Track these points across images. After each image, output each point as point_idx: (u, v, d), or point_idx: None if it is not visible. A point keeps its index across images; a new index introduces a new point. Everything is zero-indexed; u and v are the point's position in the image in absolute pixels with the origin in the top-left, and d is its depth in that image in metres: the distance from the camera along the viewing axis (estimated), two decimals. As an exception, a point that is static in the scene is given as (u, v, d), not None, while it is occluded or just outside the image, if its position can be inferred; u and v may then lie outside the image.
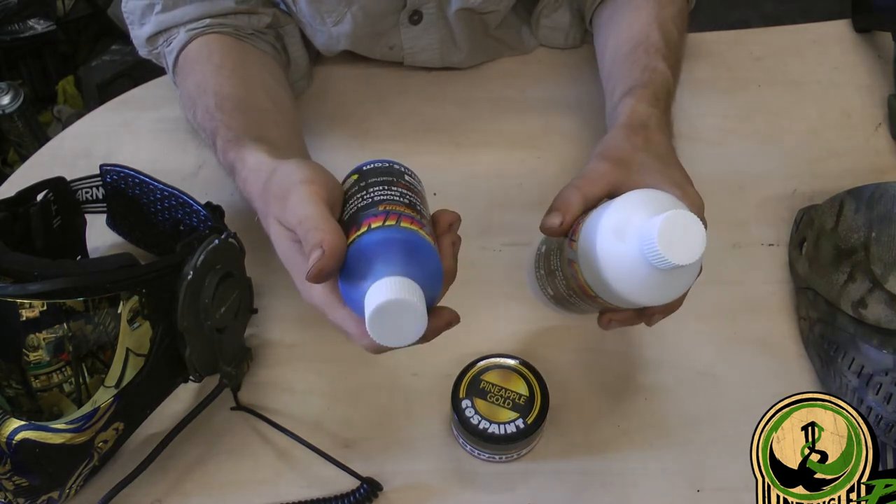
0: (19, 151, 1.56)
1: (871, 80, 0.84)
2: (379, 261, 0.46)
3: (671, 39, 0.71)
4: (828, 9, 0.93)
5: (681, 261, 0.46)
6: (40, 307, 0.60)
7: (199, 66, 0.71)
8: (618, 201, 0.50)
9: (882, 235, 0.62)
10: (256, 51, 0.74)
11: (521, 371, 0.61)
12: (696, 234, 0.46)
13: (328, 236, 0.47)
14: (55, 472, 0.55)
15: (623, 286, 0.49)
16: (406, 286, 0.45)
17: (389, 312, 0.44)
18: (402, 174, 0.53)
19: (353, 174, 0.53)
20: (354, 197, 0.51)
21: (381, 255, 0.46)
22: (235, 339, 0.63)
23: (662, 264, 0.46)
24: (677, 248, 0.46)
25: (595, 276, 0.50)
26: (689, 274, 0.50)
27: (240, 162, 0.61)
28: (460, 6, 0.76)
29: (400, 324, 0.45)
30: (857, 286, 0.62)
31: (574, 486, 0.62)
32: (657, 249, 0.46)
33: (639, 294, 0.49)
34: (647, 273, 0.48)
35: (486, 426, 0.59)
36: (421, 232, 0.48)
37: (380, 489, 0.61)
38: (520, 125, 0.81)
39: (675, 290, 0.50)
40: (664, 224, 0.46)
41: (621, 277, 0.49)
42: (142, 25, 0.73)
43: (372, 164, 0.53)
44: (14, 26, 1.54)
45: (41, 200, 0.65)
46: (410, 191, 0.52)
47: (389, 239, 0.47)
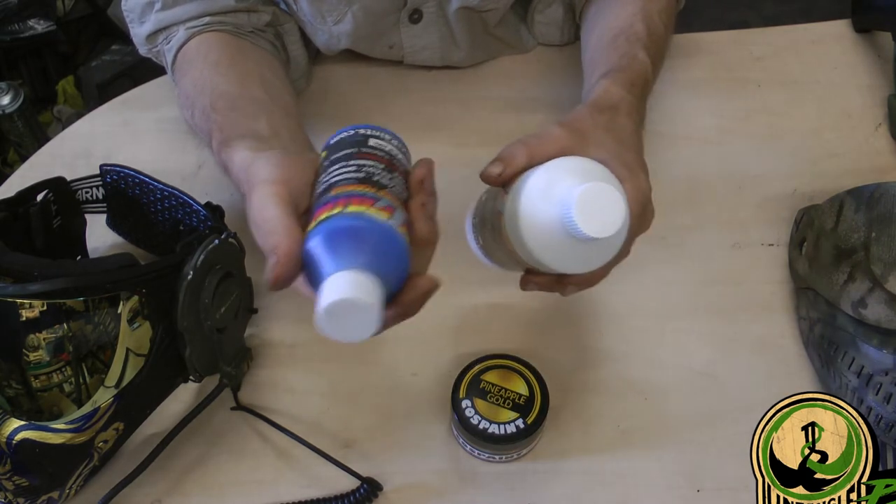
0: (19, 151, 1.56)
1: (871, 80, 0.84)
2: (329, 255, 0.45)
3: (655, 31, 0.70)
4: (828, 9, 0.93)
5: (594, 233, 0.46)
6: (40, 307, 0.60)
7: (197, 64, 0.71)
8: (552, 163, 0.50)
9: (882, 235, 0.62)
10: (255, 47, 0.74)
11: (521, 371, 0.61)
12: (616, 209, 0.46)
13: (283, 240, 0.46)
14: (55, 472, 0.55)
15: (537, 247, 0.49)
16: (352, 282, 0.43)
17: (337, 314, 0.42)
18: (365, 140, 0.50)
19: (323, 150, 0.52)
20: (319, 182, 0.49)
21: (330, 248, 0.45)
22: (235, 339, 0.63)
23: (577, 233, 0.46)
24: (593, 220, 0.46)
25: (515, 232, 0.50)
26: (606, 249, 0.50)
27: (230, 162, 0.61)
28: (460, 5, 0.76)
29: (353, 321, 0.43)
30: (857, 286, 0.62)
31: (574, 486, 0.62)
32: (572, 217, 0.46)
33: (552, 259, 0.49)
34: (563, 240, 0.48)
35: (486, 426, 0.59)
36: (370, 211, 0.45)
37: (380, 489, 0.61)
38: (520, 125, 0.81)
39: (590, 263, 0.50)
40: (584, 193, 0.46)
41: (537, 238, 0.49)
42: (142, 23, 0.73)
43: (339, 136, 0.51)
44: (14, 26, 1.54)
45: (41, 200, 0.65)
46: (372, 158, 0.49)
47: (336, 229, 0.45)
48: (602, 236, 0.46)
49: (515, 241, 0.50)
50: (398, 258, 0.46)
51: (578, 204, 0.46)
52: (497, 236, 0.53)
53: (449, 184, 0.77)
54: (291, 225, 0.47)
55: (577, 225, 0.46)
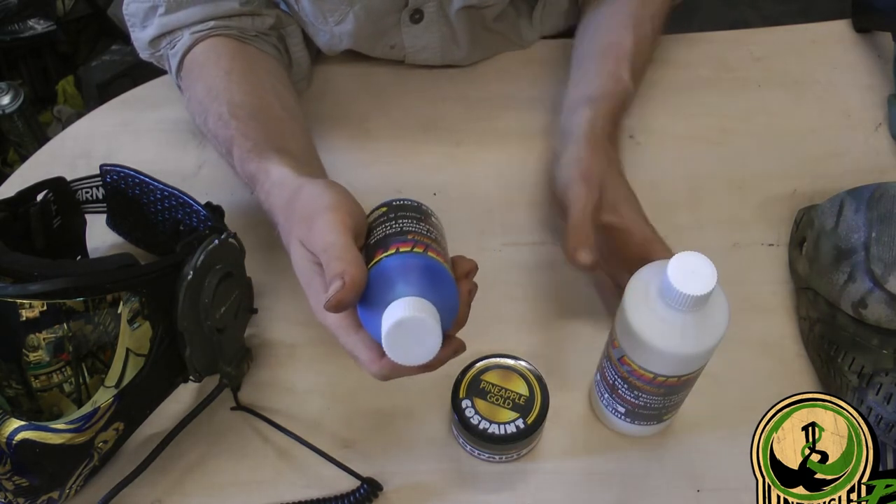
0: (19, 151, 1.56)
1: (871, 80, 0.84)
2: (402, 281, 0.48)
3: (643, 40, 0.75)
4: (828, 9, 0.93)
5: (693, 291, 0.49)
6: (40, 307, 0.60)
7: (208, 71, 0.71)
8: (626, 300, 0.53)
9: (882, 235, 0.62)
10: (262, 54, 0.74)
11: (522, 371, 0.61)
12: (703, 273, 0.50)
13: (350, 268, 0.48)
14: (55, 472, 0.55)
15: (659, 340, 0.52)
16: (426, 306, 0.47)
17: (407, 329, 0.46)
18: (429, 215, 0.55)
19: (382, 207, 0.55)
20: (382, 225, 0.53)
21: (405, 276, 0.48)
22: (235, 339, 0.63)
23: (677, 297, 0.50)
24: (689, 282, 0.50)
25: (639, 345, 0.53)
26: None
27: (263, 173, 0.62)
28: (463, 4, 0.76)
29: (416, 341, 0.47)
30: (857, 286, 0.62)
31: (574, 486, 0.62)
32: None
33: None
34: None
35: (486, 426, 0.59)
36: (440, 260, 0.50)
37: (380, 489, 0.61)
38: (520, 125, 0.81)
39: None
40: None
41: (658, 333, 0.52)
42: (144, 28, 0.73)
43: (401, 201, 0.55)
44: (14, 26, 1.54)
45: (41, 200, 0.65)
46: (436, 229, 0.54)
47: (415, 263, 0.49)
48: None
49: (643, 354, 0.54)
50: (451, 314, 0.50)
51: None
52: (631, 379, 0.56)
53: (447, 184, 0.77)
54: (358, 255, 0.50)
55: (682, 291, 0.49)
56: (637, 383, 0.55)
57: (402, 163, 0.79)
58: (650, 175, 0.76)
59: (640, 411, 0.59)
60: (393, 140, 0.81)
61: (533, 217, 0.75)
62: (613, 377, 0.57)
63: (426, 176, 0.78)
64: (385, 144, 0.80)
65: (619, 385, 0.57)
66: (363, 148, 0.80)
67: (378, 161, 0.79)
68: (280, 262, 0.69)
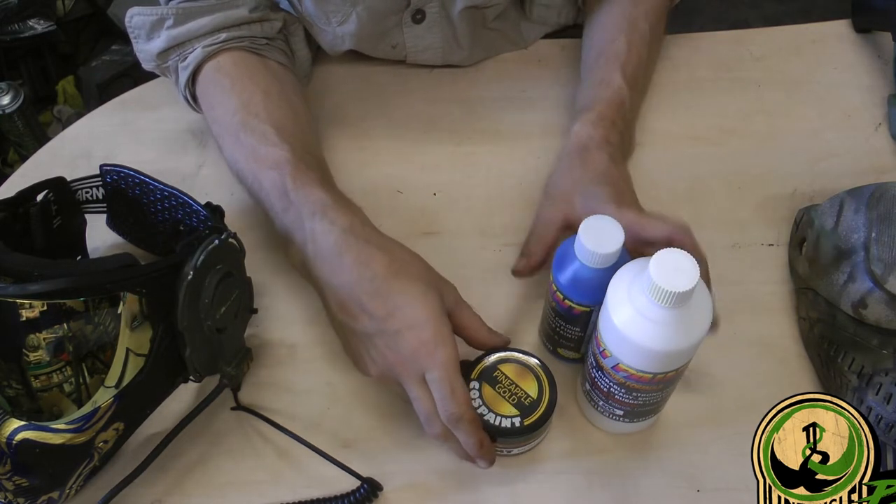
0: (19, 151, 1.56)
1: (871, 80, 0.84)
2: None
3: (637, 41, 0.76)
4: (828, 9, 0.93)
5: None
6: (40, 307, 0.60)
7: (240, 86, 0.70)
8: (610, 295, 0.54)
9: (882, 235, 0.62)
10: (277, 66, 0.74)
11: (537, 372, 0.60)
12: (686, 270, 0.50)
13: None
14: (55, 472, 0.55)
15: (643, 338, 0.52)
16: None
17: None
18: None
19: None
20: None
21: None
22: (235, 339, 0.63)
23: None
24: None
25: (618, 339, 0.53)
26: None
27: (329, 214, 0.63)
28: (465, 5, 0.76)
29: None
30: (857, 286, 0.62)
31: (574, 486, 0.62)
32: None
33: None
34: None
35: (484, 412, 0.59)
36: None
37: (380, 489, 0.61)
38: (520, 125, 0.81)
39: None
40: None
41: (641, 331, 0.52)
42: (150, 40, 0.72)
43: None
44: (14, 26, 1.54)
45: (41, 200, 0.65)
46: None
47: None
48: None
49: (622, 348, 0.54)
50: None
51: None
52: (617, 377, 0.57)
53: (447, 184, 0.77)
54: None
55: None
56: (636, 385, 0.55)
57: (402, 163, 0.79)
58: (650, 175, 0.76)
59: (639, 409, 0.59)
60: (393, 140, 0.81)
61: (533, 217, 0.75)
62: (608, 385, 0.57)
63: (426, 176, 0.78)
64: (385, 144, 0.80)
65: (615, 391, 0.57)
66: (363, 148, 0.80)
67: (378, 161, 0.79)
68: (280, 262, 0.69)
